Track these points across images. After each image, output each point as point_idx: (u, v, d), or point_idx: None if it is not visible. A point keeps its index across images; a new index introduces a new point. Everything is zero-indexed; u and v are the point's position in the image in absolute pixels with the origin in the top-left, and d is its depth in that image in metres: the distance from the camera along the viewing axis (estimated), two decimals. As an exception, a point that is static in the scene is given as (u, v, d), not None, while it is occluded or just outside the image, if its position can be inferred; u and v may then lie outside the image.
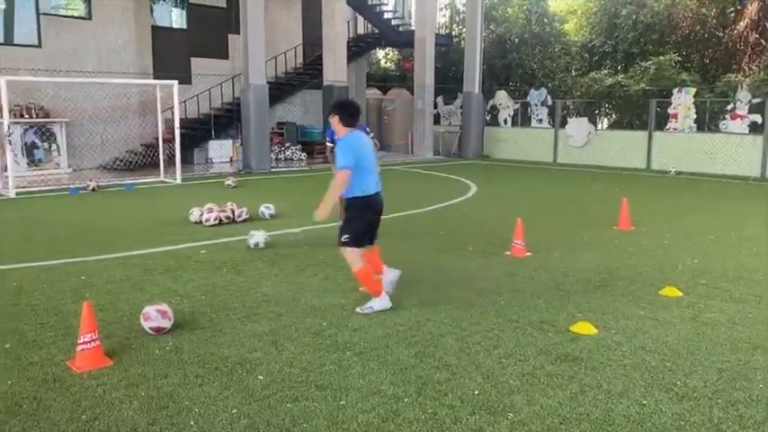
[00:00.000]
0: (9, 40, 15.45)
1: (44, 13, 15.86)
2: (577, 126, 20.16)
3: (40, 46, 15.81)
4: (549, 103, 20.96)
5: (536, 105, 21.28)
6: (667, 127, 18.43)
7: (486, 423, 3.46)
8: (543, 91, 21.28)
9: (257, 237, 7.62)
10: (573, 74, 24.97)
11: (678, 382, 3.97)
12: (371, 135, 7.28)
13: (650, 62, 21.20)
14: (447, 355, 4.40)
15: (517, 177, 16.40)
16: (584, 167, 18.57)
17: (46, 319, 5.07)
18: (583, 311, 5.31)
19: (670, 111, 18.37)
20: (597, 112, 23.17)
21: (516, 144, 21.49)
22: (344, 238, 5.25)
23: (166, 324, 4.72)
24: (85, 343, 4.15)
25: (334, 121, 5.36)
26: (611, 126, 23.32)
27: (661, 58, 20.90)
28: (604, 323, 5.05)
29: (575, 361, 4.30)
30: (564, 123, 20.60)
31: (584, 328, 4.89)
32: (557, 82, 23.81)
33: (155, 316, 4.68)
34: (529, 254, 7.35)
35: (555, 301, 5.64)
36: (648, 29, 22.81)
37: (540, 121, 21.18)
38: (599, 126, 22.34)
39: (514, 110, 22.06)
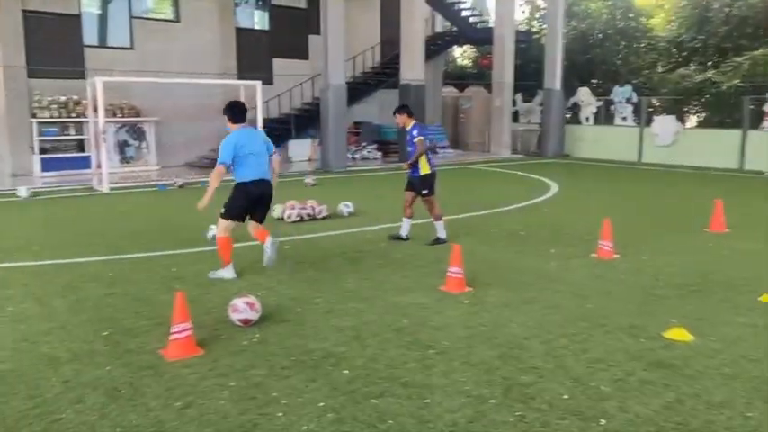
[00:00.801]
0: (103, 43, 16.27)
1: (136, 17, 16.62)
2: (664, 124, 19.32)
3: (132, 48, 16.58)
4: (635, 100, 20.19)
5: (620, 103, 20.57)
6: (762, 126, 17.41)
7: (577, 429, 3.34)
8: (628, 88, 20.54)
9: (213, 230, 7.68)
10: (659, 70, 24.01)
11: (785, 395, 3.73)
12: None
13: (744, 57, 20.13)
14: (533, 357, 4.29)
15: (600, 177, 15.89)
16: (670, 167, 17.79)
17: (140, 309, 5.29)
18: (676, 317, 5.06)
19: (766, 109, 17.34)
20: (685, 109, 22.17)
21: (598, 143, 20.82)
22: (221, 211, 6.32)
23: (254, 316, 4.83)
24: (178, 332, 4.30)
25: (226, 119, 6.39)
26: (701, 124, 22.27)
27: (756, 53, 19.79)
28: (700, 330, 4.79)
29: (670, 368, 4.10)
30: (650, 121, 19.81)
31: (679, 334, 4.66)
32: (642, 78, 22.96)
33: (243, 308, 4.79)
34: (616, 256, 7.09)
35: (646, 305, 5.40)
36: (742, 22, 21.63)
37: (625, 119, 20.45)
38: (687, 124, 21.38)
39: (597, 107, 21.39)
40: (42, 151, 14.93)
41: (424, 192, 7.76)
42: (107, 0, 16.54)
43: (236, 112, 6.37)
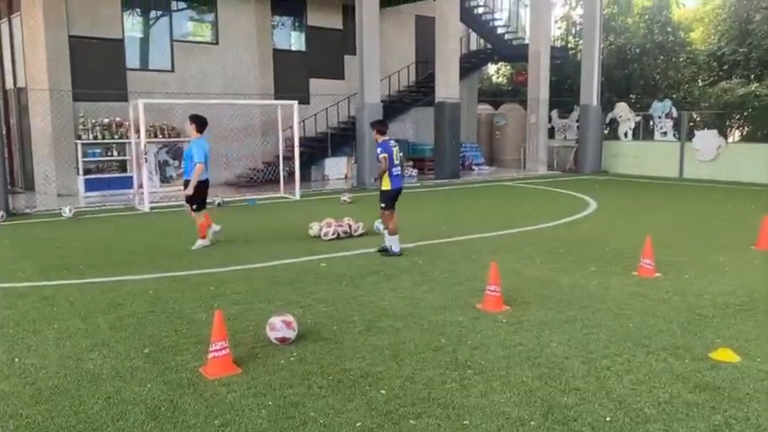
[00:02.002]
0: (145, 66, 16.71)
1: (177, 40, 17.04)
2: (706, 139, 18.92)
3: (173, 70, 16.98)
4: (675, 115, 19.83)
5: (659, 118, 20.22)
6: (809, 139, 16.92)
7: (621, 453, 3.26)
8: (668, 102, 20.18)
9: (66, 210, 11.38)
10: (700, 84, 23.59)
11: (841, 421, 3.57)
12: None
13: (789, 69, 19.65)
14: (574, 378, 4.21)
15: (639, 193, 15.61)
16: (713, 183, 17.39)
17: (179, 327, 5.36)
18: (722, 337, 4.92)
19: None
20: (728, 123, 21.69)
21: (637, 158, 20.49)
22: (194, 207, 8.70)
23: (291, 335, 4.85)
24: (217, 351, 4.34)
25: (192, 128, 8.74)
26: (744, 139, 21.75)
27: (802, 64, 19.32)
28: (747, 351, 4.64)
29: (716, 390, 3.98)
30: (691, 136, 19.42)
31: (726, 355, 4.52)
32: (682, 93, 22.58)
33: (280, 326, 4.82)
34: (658, 274, 6.93)
35: (690, 325, 5.26)
36: (786, 34, 21.17)
37: (665, 133, 20.09)
38: (730, 139, 20.91)
39: (636, 122, 21.07)
40: (86, 172, 15.33)
41: (382, 206, 8.14)
42: (149, 24, 17.02)
43: (204, 123, 8.76)
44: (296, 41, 19.84)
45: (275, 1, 18.72)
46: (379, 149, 8.07)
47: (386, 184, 8.12)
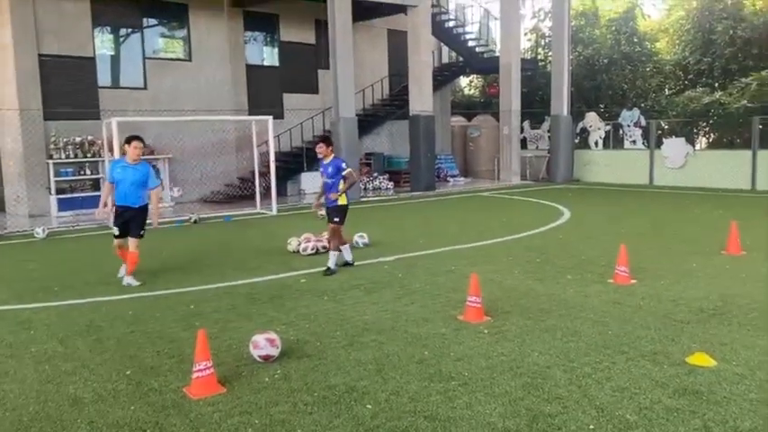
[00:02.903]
0: (116, 84, 16.59)
1: (149, 57, 16.95)
2: (674, 147, 19.35)
3: (145, 88, 16.88)
4: (643, 123, 20.25)
5: (628, 126, 20.63)
6: (774, 145, 17.39)
7: (605, 459, 3.32)
8: (636, 111, 20.61)
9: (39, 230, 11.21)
10: (666, 93, 24.11)
11: (815, 420, 3.69)
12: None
13: (751, 78, 20.19)
14: (556, 387, 4.27)
15: (611, 201, 15.88)
16: (682, 189, 17.76)
17: (161, 347, 5.32)
18: (698, 342, 5.04)
19: (776, 128, 17.34)
20: (695, 131, 22.20)
21: (608, 167, 20.86)
22: (142, 232, 7.79)
23: (275, 352, 4.85)
24: (200, 370, 4.32)
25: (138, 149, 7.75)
26: (711, 146, 22.27)
27: (763, 73, 19.86)
28: (723, 355, 4.76)
29: (695, 395, 4.07)
30: (659, 144, 19.84)
31: (702, 359, 4.63)
32: (650, 102, 23.05)
33: (264, 344, 4.82)
34: (634, 281, 7.07)
35: (667, 331, 5.38)
36: (747, 43, 21.77)
37: (634, 142, 20.50)
38: (697, 146, 21.40)
39: (605, 132, 21.46)
40: (59, 191, 15.13)
41: (336, 219, 8.16)
42: (120, 41, 16.92)
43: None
44: (269, 57, 19.87)
45: (248, 16, 18.75)
46: (343, 164, 8.17)
47: (343, 199, 8.19)
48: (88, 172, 15.54)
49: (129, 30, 16.85)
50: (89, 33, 15.90)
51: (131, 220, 7.66)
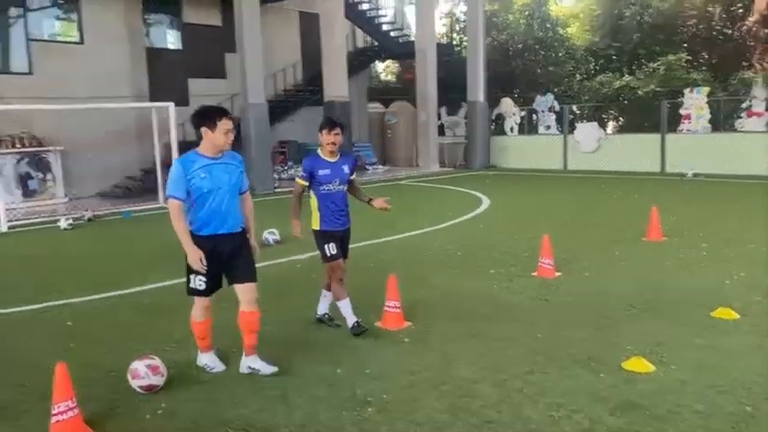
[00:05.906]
0: (-1, 69, 15.01)
1: (34, 39, 15.40)
2: (586, 131, 19.54)
3: (30, 73, 15.34)
4: (557, 108, 20.34)
5: (543, 112, 20.70)
6: (680, 128, 17.81)
7: (547, 503, 2.82)
8: (550, 97, 20.69)
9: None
10: (578, 78, 24.44)
11: (767, 434, 3.33)
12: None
13: (658, 62, 20.68)
14: (486, 407, 3.76)
15: (529, 187, 15.76)
16: (596, 173, 17.91)
17: (23, 379, 4.44)
18: (633, 343, 4.66)
19: (682, 111, 17.75)
20: (606, 116, 22.61)
21: (524, 152, 20.87)
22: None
23: (159, 381, 4.10)
24: (61, 413, 3.53)
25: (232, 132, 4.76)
26: (622, 129, 22.75)
27: (670, 57, 20.36)
28: (660, 357, 4.40)
29: (637, 409, 3.65)
30: (572, 129, 19.99)
31: (639, 365, 4.24)
32: (563, 87, 23.27)
33: (144, 373, 4.05)
34: (558, 274, 6.71)
35: (599, 331, 4.99)
36: (654, 29, 22.29)
37: (548, 127, 20.58)
38: (609, 130, 21.77)
39: (521, 117, 21.47)
40: (-70, 189, 13.49)
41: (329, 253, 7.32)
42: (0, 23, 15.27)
43: None
44: (172, 39, 18.58)
45: (146, -4, 17.40)
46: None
47: (316, 222, 7.24)
48: (-35, 167, 13.96)
49: (11, 10, 15.22)
50: (-39, 12, 14.26)
51: (236, 255, 4.49)
